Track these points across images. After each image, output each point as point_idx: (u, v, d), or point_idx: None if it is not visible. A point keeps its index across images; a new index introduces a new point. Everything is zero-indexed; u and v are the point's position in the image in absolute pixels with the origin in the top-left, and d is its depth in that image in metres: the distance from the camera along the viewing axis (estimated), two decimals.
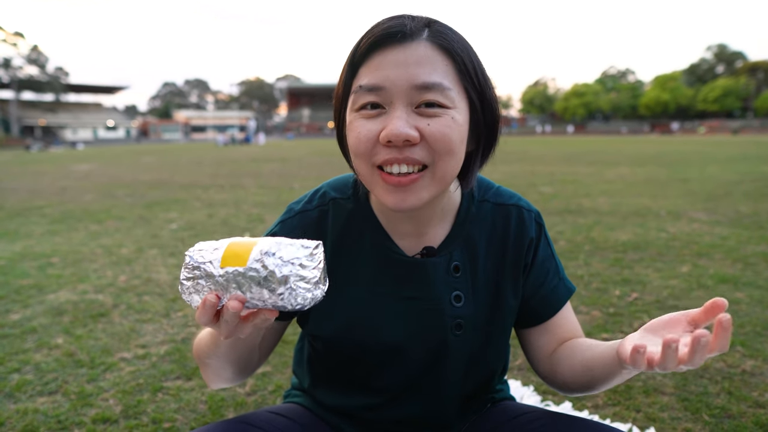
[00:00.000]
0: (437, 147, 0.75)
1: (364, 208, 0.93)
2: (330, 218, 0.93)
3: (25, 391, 2.12)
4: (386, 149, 0.75)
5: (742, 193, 7.69)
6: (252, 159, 19.62)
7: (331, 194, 0.95)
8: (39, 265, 4.13)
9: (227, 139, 44.94)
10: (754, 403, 1.93)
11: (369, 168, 0.78)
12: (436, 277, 0.89)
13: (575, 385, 0.91)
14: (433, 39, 0.76)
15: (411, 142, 0.74)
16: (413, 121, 0.74)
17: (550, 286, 0.96)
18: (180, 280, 0.69)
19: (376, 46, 0.76)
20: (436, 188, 0.79)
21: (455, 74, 0.77)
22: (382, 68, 0.75)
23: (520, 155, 19.53)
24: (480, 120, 0.81)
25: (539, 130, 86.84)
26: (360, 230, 0.92)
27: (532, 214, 0.96)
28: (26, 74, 77.46)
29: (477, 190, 0.96)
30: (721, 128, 71.30)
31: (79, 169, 16.12)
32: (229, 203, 7.54)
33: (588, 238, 4.79)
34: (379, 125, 0.75)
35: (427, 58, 0.75)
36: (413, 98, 0.74)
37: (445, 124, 0.75)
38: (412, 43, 0.75)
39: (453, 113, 0.76)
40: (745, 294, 3.15)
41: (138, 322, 2.89)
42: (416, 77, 0.74)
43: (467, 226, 0.92)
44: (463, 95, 0.78)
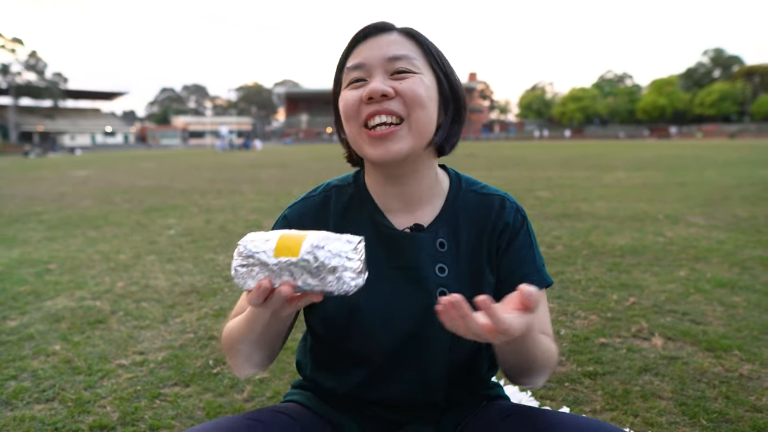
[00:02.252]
0: (409, 100, 0.91)
1: (361, 190, 1.05)
2: (332, 201, 1.06)
3: (22, 398, 2.11)
4: (368, 106, 0.91)
5: (739, 197, 7.71)
6: (250, 165, 19.62)
7: (333, 183, 1.10)
8: (36, 271, 4.12)
9: (225, 145, 44.95)
10: (751, 408, 1.93)
11: (357, 127, 0.94)
12: (422, 250, 1.00)
13: (506, 370, 0.98)
14: (402, 32, 0.96)
15: (387, 97, 0.90)
16: (389, 83, 0.91)
17: (522, 272, 1.01)
18: (234, 267, 0.78)
19: (359, 40, 0.96)
20: (413, 140, 0.93)
21: (421, 53, 0.95)
22: (363, 51, 0.94)
23: (518, 160, 19.57)
24: (447, 92, 0.98)
25: (537, 134, 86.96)
26: (358, 209, 1.04)
27: (514, 205, 1.06)
28: (24, 80, 77.35)
29: (464, 183, 1.08)
30: (718, 132, 71.47)
31: (77, 175, 16.11)
32: (226, 209, 7.54)
33: (586, 243, 4.80)
34: (362, 91, 0.92)
35: (397, 41, 0.94)
36: (387, 67, 0.92)
37: (414, 82, 0.92)
38: (385, 34, 0.95)
39: (421, 76, 0.93)
40: (742, 298, 3.15)
41: (136, 328, 2.89)
42: (388, 52, 0.93)
43: (454, 211, 1.04)
44: (429, 68, 0.95)
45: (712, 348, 2.45)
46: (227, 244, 5.05)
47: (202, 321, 2.98)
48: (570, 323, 2.84)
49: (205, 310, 3.15)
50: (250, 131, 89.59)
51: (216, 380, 2.26)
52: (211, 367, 2.39)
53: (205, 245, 5.04)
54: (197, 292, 3.53)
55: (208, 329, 2.85)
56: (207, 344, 2.65)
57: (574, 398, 2.05)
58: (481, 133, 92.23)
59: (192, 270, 4.12)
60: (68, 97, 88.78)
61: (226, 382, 2.23)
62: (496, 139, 77.87)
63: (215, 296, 3.43)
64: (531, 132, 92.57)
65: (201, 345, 2.64)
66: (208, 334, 2.77)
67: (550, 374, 1.01)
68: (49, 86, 79.99)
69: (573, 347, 2.51)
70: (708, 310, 2.96)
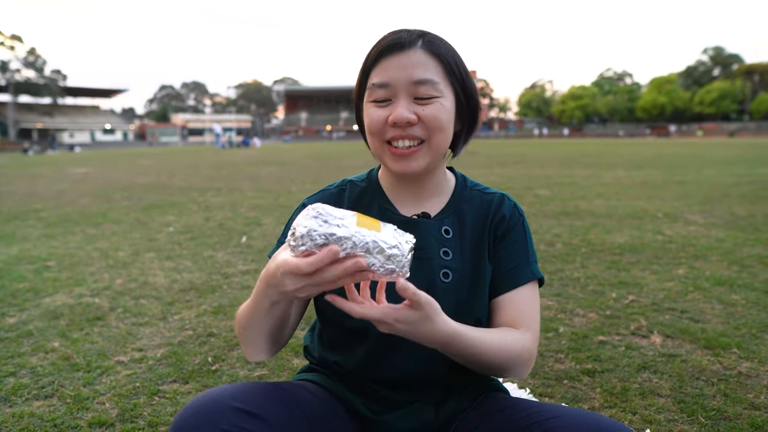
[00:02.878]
0: (431, 125, 0.99)
1: (374, 185, 1.16)
2: (347, 193, 1.16)
3: (21, 395, 2.11)
4: (393, 129, 1.00)
5: (738, 196, 7.72)
6: (249, 162, 19.61)
7: (349, 179, 1.20)
8: (35, 268, 4.12)
9: (224, 143, 44.90)
10: (749, 405, 1.93)
11: (380, 143, 1.03)
12: (428, 234, 1.08)
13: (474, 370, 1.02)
14: (425, 47, 1.01)
15: (411, 123, 0.99)
16: (412, 108, 0.99)
17: (512, 264, 1.09)
18: (303, 226, 0.75)
19: (383, 54, 1.01)
20: (431, 156, 1.03)
21: (443, 72, 1.01)
22: (389, 70, 1.00)
23: (518, 158, 19.57)
24: (464, 106, 1.05)
25: (536, 132, 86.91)
26: (370, 200, 1.14)
27: (512, 202, 1.14)
28: (23, 77, 77.26)
29: (470, 183, 1.17)
30: (717, 131, 71.47)
31: (76, 172, 16.10)
32: (226, 206, 7.54)
33: (585, 241, 4.80)
34: (388, 112, 1.00)
35: (421, 62, 0.99)
36: (412, 91, 0.99)
37: (436, 109, 0.99)
38: (409, 50, 0.99)
39: (442, 101, 1.00)
40: (740, 296, 3.16)
41: (134, 325, 2.89)
42: (413, 75, 0.98)
43: (459, 204, 1.13)
44: (450, 88, 1.02)
45: (710, 346, 2.45)
46: (226, 242, 5.05)
47: (201, 318, 2.98)
48: (569, 321, 2.84)
49: (204, 307, 3.15)
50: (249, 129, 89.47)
51: (215, 377, 2.26)
52: (210, 364, 2.39)
53: (204, 242, 5.04)
54: (196, 289, 3.53)
55: (207, 326, 2.85)
56: (206, 341, 2.65)
57: (573, 395, 2.05)
58: (480, 131, 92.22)
59: (191, 267, 4.12)
60: (67, 95, 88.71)
61: (225, 379, 2.23)
62: (496, 137, 77.85)
63: (214, 293, 3.43)
64: (531, 130, 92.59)
65: (200, 342, 2.64)
66: (206, 331, 2.77)
67: (526, 368, 1.03)
68: (48, 83, 79.89)
69: (572, 345, 2.51)
70: (707, 308, 2.97)
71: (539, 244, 4.67)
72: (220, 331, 2.78)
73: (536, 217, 6.14)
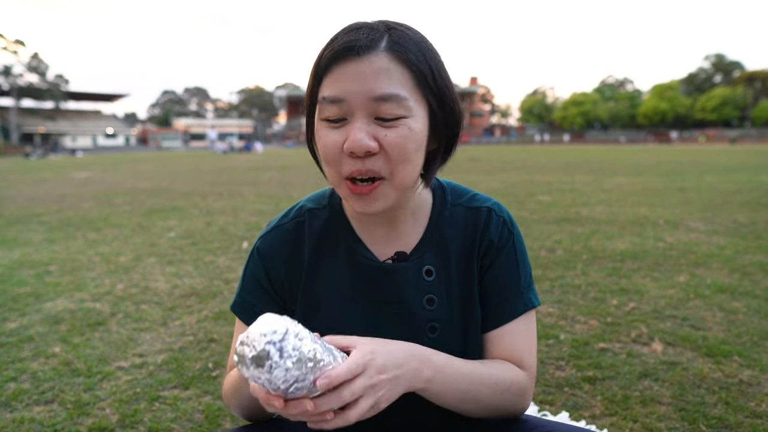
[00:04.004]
0: (393, 157, 0.80)
1: (338, 215, 0.97)
2: (306, 228, 0.98)
3: (22, 400, 2.11)
4: (350, 160, 0.80)
5: (739, 203, 7.71)
6: (251, 167, 19.64)
7: (307, 206, 1.00)
8: (36, 273, 4.12)
9: (226, 148, 44.99)
10: (751, 414, 1.93)
11: (337, 176, 0.84)
12: (406, 282, 0.92)
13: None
14: (389, 50, 0.80)
15: (372, 153, 0.79)
16: (372, 130, 0.79)
17: (502, 296, 0.94)
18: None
19: (336, 59, 0.80)
20: (395, 193, 0.84)
21: (412, 83, 0.81)
22: (342, 81, 0.79)
23: (519, 164, 19.58)
24: (439, 122, 0.85)
25: (538, 139, 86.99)
26: (335, 237, 0.96)
27: (501, 218, 0.96)
28: (26, 82, 77.42)
29: (451, 194, 0.99)
30: (719, 137, 71.45)
31: (78, 176, 16.13)
32: (227, 211, 7.55)
33: (586, 248, 4.80)
34: (343, 135, 0.80)
35: (383, 70, 0.78)
36: (372, 109, 0.79)
37: (401, 135, 0.80)
38: (369, 55, 0.78)
39: (410, 122, 0.80)
40: (742, 304, 3.15)
41: (135, 330, 2.89)
42: (374, 90, 0.78)
43: (440, 230, 0.95)
44: (421, 102, 0.82)
45: (711, 353, 2.45)
46: (228, 247, 5.05)
47: (202, 324, 2.98)
48: (570, 328, 2.84)
49: (205, 313, 3.15)
50: (251, 134, 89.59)
51: (215, 383, 2.26)
52: (211, 369, 2.39)
53: (206, 247, 5.04)
54: (197, 294, 3.53)
55: (208, 332, 2.85)
56: (206, 347, 2.65)
57: (574, 403, 2.04)
58: (482, 137, 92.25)
59: (192, 272, 4.12)
60: (70, 99, 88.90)
61: None
62: (497, 143, 77.90)
63: (215, 299, 3.43)
64: (532, 136, 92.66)
65: (201, 348, 2.64)
66: (207, 337, 2.77)
67: (522, 403, 0.94)
68: (51, 88, 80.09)
69: (573, 352, 2.51)
70: (708, 316, 2.96)
71: (540, 250, 4.67)
72: (221, 336, 2.78)
73: (537, 223, 6.14)
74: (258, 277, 0.98)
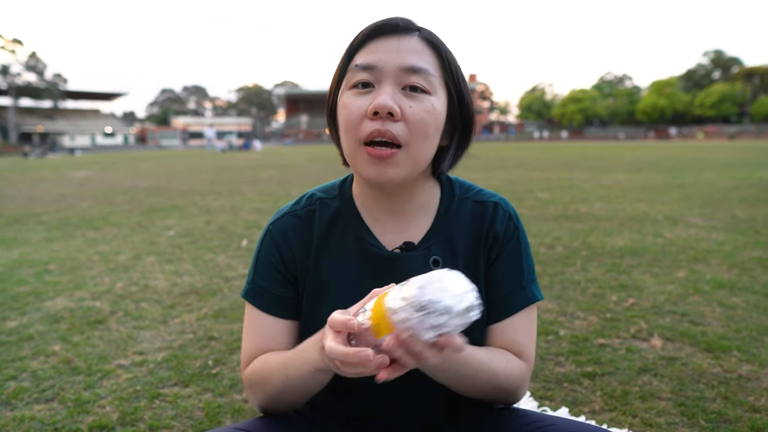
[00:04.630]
0: (414, 128, 0.84)
1: (348, 205, 0.99)
2: (317, 216, 1.00)
3: (22, 399, 2.11)
4: (371, 122, 0.84)
5: (738, 199, 7.72)
6: (250, 165, 19.63)
7: (317, 195, 1.02)
8: (36, 272, 4.12)
9: (225, 146, 44.97)
10: (750, 408, 1.93)
11: (356, 143, 0.86)
12: (413, 271, 0.91)
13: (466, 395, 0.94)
14: (423, 36, 0.88)
15: (394, 117, 0.83)
16: (398, 99, 0.84)
17: (506, 290, 0.97)
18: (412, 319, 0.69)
19: (374, 35, 0.87)
20: (410, 166, 0.87)
21: (439, 68, 0.88)
22: (377, 51, 0.85)
23: (518, 161, 19.58)
24: (456, 115, 0.91)
25: (537, 136, 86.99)
26: (344, 226, 0.98)
27: (507, 212, 0.99)
28: (24, 81, 77.29)
29: (459, 189, 1.02)
30: (718, 134, 71.51)
31: (76, 175, 16.11)
32: (226, 209, 7.55)
33: (585, 244, 4.80)
34: (369, 101, 0.84)
35: (417, 49, 0.86)
36: (401, 79, 0.84)
37: (424, 109, 0.85)
38: (405, 35, 0.86)
39: (433, 100, 0.86)
40: (741, 299, 3.16)
41: (135, 329, 2.89)
42: (406, 60, 0.84)
43: (447, 223, 0.98)
44: (444, 87, 0.89)
45: (711, 349, 2.45)
46: (227, 245, 5.05)
47: (202, 321, 2.98)
48: (569, 324, 2.84)
49: (205, 311, 3.15)
50: (249, 132, 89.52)
51: (215, 380, 2.26)
52: (211, 367, 2.40)
53: (205, 246, 5.05)
54: (197, 292, 3.53)
55: (208, 330, 2.85)
56: (206, 345, 2.65)
57: (573, 399, 2.05)
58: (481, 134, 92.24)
59: (191, 271, 4.12)
60: (68, 98, 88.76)
61: (226, 383, 2.24)
62: (496, 140, 77.88)
63: (215, 297, 3.43)
64: (531, 133, 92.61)
65: (200, 345, 2.64)
66: (207, 335, 2.77)
67: (521, 392, 0.98)
68: (49, 87, 79.95)
69: (572, 348, 2.51)
70: (707, 311, 2.97)
71: (540, 247, 4.67)
72: (220, 334, 2.78)
73: (537, 220, 6.14)
74: (272, 259, 0.98)
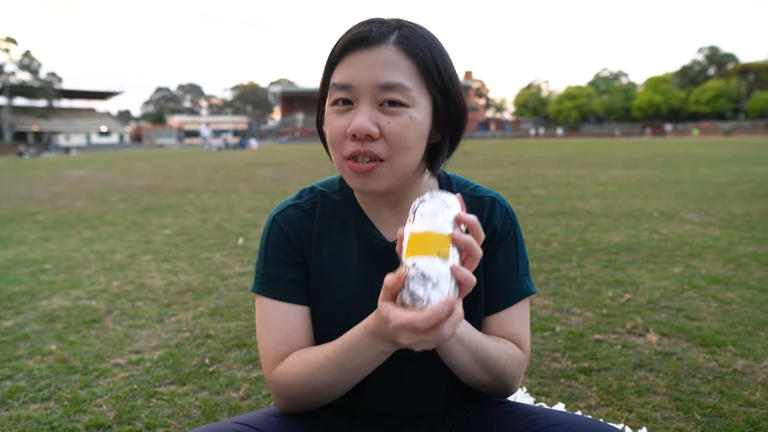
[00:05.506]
0: (394, 143, 0.85)
1: (349, 199, 1.02)
2: (318, 208, 1.02)
3: (18, 398, 2.11)
4: (352, 143, 0.86)
5: (733, 195, 7.75)
6: (246, 164, 19.60)
7: (319, 188, 1.05)
8: (31, 271, 4.11)
9: (221, 144, 44.86)
10: (745, 402, 1.94)
11: (340, 158, 0.89)
12: None
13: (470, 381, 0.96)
14: (398, 43, 0.85)
15: (372, 137, 0.84)
16: (375, 117, 0.84)
17: (503, 282, 1.00)
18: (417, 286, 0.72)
19: (348, 49, 0.86)
20: (393, 177, 0.89)
21: (418, 76, 0.86)
22: (352, 68, 0.85)
23: (514, 158, 19.60)
24: (442, 116, 0.90)
25: (533, 132, 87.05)
26: (345, 218, 1.01)
27: (504, 208, 1.02)
28: (18, 80, 76.92)
29: (456, 185, 1.04)
30: (713, 130, 71.70)
31: (72, 174, 16.06)
32: (222, 208, 7.53)
33: (581, 240, 4.81)
34: (349, 120, 0.86)
35: (391, 61, 0.84)
36: (377, 96, 0.84)
37: (402, 123, 0.85)
38: (378, 46, 0.85)
39: (412, 112, 0.85)
40: (736, 294, 3.17)
41: (131, 327, 2.88)
42: (380, 78, 0.83)
43: None
44: (425, 95, 0.87)
45: (706, 344, 2.46)
46: (223, 243, 5.04)
47: (198, 320, 2.98)
48: (565, 320, 2.85)
49: (201, 309, 3.15)
50: (245, 130, 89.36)
51: (212, 379, 2.26)
52: (207, 365, 2.39)
53: (201, 244, 5.04)
54: (193, 291, 3.53)
55: (204, 328, 2.84)
56: (203, 343, 2.65)
57: (570, 394, 2.06)
58: (477, 131, 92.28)
59: (188, 269, 4.11)
60: (63, 97, 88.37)
61: (222, 381, 2.23)
62: (492, 137, 77.90)
63: (211, 295, 3.43)
64: (527, 130, 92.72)
65: (197, 344, 2.64)
66: (203, 333, 2.77)
67: (518, 380, 1.00)
68: (44, 86, 79.60)
69: (568, 344, 2.52)
70: (702, 306, 2.98)
71: (536, 243, 4.68)
72: (217, 332, 2.78)
73: (533, 216, 6.15)
74: (281, 245, 1.00)
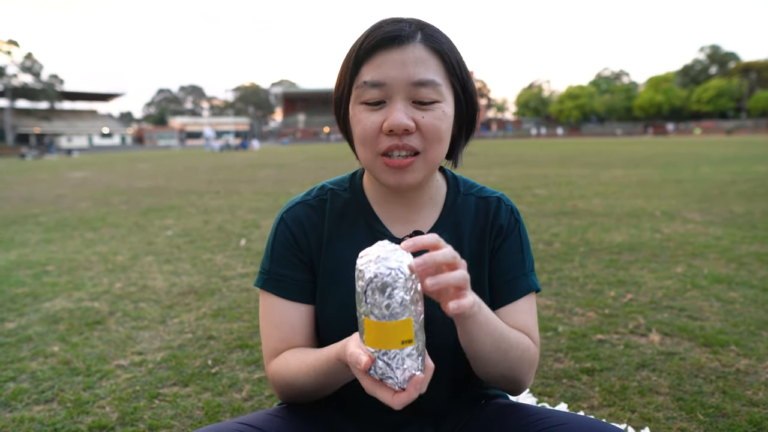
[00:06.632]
0: (430, 136, 0.89)
1: (359, 197, 1.04)
2: (328, 205, 1.04)
3: (21, 400, 2.11)
4: (388, 138, 0.88)
5: (735, 194, 7.74)
6: (248, 165, 19.61)
7: (328, 186, 1.07)
8: (34, 273, 4.12)
9: (223, 146, 44.91)
10: (748, 402, 1.94)
11: (373, 154, 0.91)
12: None
13: (484, 372, 0.95)
14: (426, 42, 0.89)
15: (409, 132, 0.87)
16: (410, 113, 0.87)
17: (509, 277, 1.02)
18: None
19: (378, 47, 0.88)
20: (427, 169, 0.92)
21: (444, 72, 0.90)
22: (384, 67, 0.87)
23: (516, 158, 19.59)
24: (463, 109, 0.95)
25: (534, 132, 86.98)
26: (355, 216, 1.03)
27: (509, 207, 1.06)
28: (21, 82, 77.12)
29: (462, 185, 1.07)
30: (715, 129, 71.57)
31: (74, 176, 16.09)
32: (224, 209, 7.54)
33: (583, 240, 4.81)
34: (382, 117, 0.88)
35: (422, 59, 0.88)
36: (410, 93, 0.87)
37: (436, 117, 0.88)
38: (408, 45, 0.87)
39: (443, 106, 0.89)
40: (738, 294, 3.16)
41: (134, 329, 2.89)
42: (413, 75, 0.86)
43: (454, 214, 1.04)
44: (450, 90, 0.92)
45: (709, 343, 2.46)
46: (225, 244, 5.05)
47: (201, 321, 2.98)
48: (568, 320, 2.85)
49: (204, 310, 3.15)
50: (247, 131, 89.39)
51: (214, 380, 2.26)
52: (210, 366, 2.40)
53: (203, 246, 5.04)
54: (195, 292, 3.53)
55: (207, 329, 2.85)
56: (205, 344, 2.65)
57: (572, 394, 2.05)
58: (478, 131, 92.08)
59: (190, 270, 4.12)
60: (65, 99, 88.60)
61: (225, 382, 2.24)
62: (494, 137, 77.87)
63: (213, 296, 3.43)
64: (528, 130, 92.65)
65: (199, 345, 2.65)
66: (206, 334, 2.77)
67: (532, 373, 1.00)
68: (46, 88, 79.79)
69: (571, 344, 2.52)
70: (705, 306, 2.97)
71: (538, 243, 4.68)
72: (219, 334, 2.78)
73: (534, 216, 6.15)
74: (288, 244, 1.01)
